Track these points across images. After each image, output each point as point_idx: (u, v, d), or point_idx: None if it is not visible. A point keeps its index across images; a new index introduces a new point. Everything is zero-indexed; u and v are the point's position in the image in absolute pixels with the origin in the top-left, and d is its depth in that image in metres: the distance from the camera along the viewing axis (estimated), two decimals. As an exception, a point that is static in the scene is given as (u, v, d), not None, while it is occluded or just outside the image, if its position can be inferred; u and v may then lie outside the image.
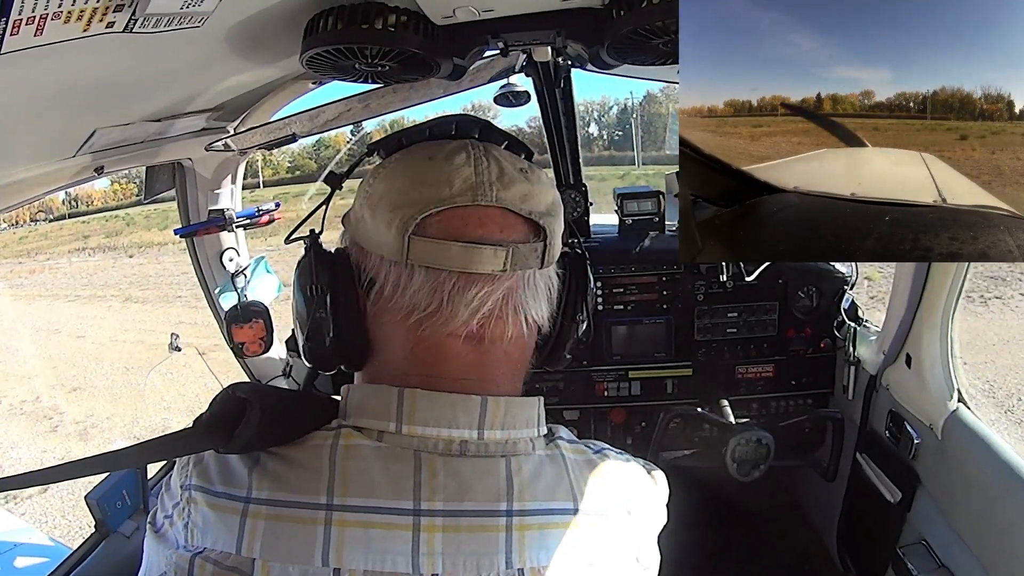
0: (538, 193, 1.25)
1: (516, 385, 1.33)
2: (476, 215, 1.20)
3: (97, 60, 1.43)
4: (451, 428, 1.19)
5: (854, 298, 3.28)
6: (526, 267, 1.22)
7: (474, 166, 1.22)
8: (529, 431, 1.26)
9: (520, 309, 1.24)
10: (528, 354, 1.35)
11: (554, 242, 1.27)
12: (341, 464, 1.15)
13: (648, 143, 42.74)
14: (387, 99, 2.93)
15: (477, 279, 1.18)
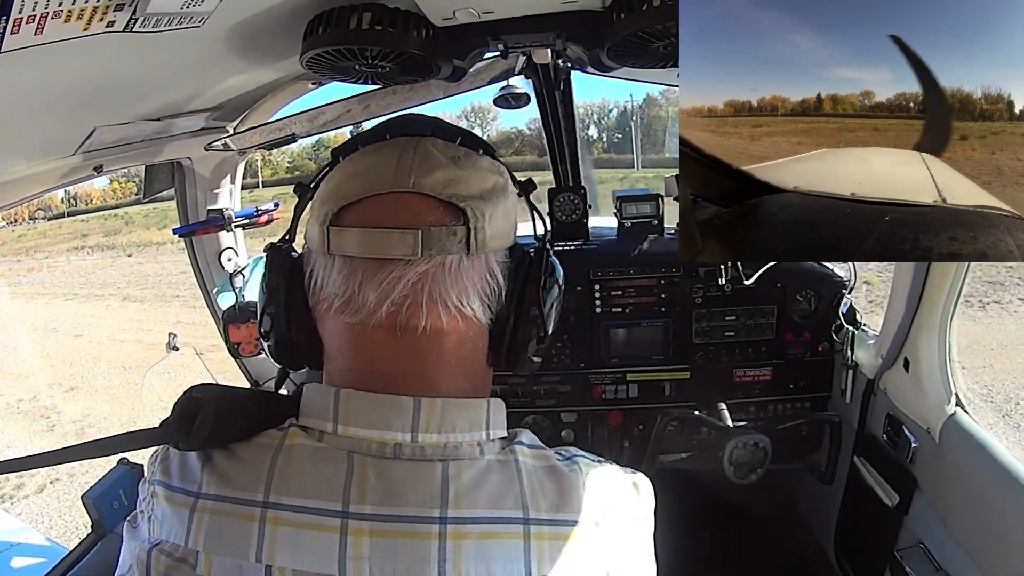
0: (468, 178, 1.24)
1: (463, 385, 1.27)
2: (390, 202, 1.20)
3: (97, 59, 1.43)
4: (384, 430, 1.18)
5: (852, 302, 3.28)
6: (445, 252, 1.19)
7: (399, 157, 1.23)
8: (474, 434, 1.23)
9: (437, 296, 1.19)
10: (471, 351, 1.28)
11: (484, 227, 1.21)
12: (281, 463, 1.18)
13: (647, 146, 42.77)
14: (387, 100, 2.94)
15: (387, 265, 1.17)
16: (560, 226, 3.62)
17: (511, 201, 1.31)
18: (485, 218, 1.21)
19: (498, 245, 1.26)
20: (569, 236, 3.59)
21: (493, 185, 1.27)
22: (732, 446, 2.93)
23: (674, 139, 1.36)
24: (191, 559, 1.15)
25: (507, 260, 1.29)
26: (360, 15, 1.77)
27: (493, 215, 1.23)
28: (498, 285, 1.27)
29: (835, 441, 3.03)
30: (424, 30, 1.86)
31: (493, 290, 1.26)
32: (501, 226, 1.26)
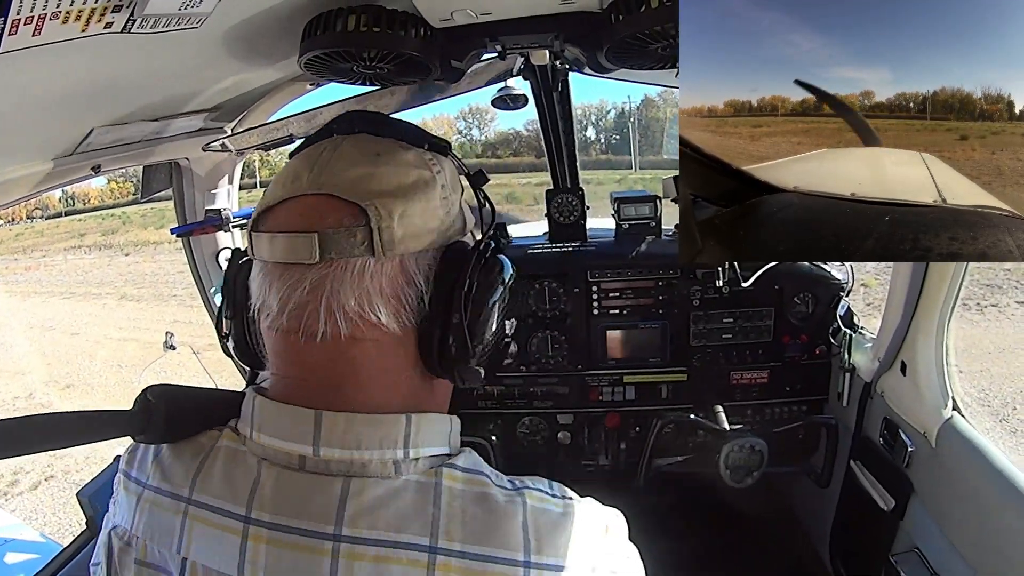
0: (382, 175, 1.19)
1: (381, 398, 1.20)
2: (296, 205, 1.17)
3: (95, 60, 1.43)
4: (288, 441, 1.17)
5: (850, 305, 3.27)
6: (346, 255, 1.13)
7: (317, 157, 1.22)
8: (386, 452, 1.16)
9: (335, 303, 1.14)
10: (389, 361, 1.21)
11: (391, 227, 1.14)
12: (208, 463, 1.23)
13: (645, 147, 42.80)
14: (384, 101, 2.94)
15: (289, 270, 1.15)
16: (558, 227, 3.62)
17: (438, 196, 1.24)
18: (393, 217, 1.15)
19: (415, 246, 1.19)
20: (567, 237, 3.58)
21: (414, 180, 1.22)
22: (728, 449, 2.95)
23: (672, 140, 1.37)
24: (132, 543, 1.25)
25: (432, 262, 1.22)
26: (358, 16, 1.77)
27: (406, 213, 1.17)
28: (416, 290, 1.20)
29: (831, 444, 3.05)
30: (422, 31, 1.86)
31: (408, 295, 1.19)
32: (417, 225, 1.19)
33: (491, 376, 1.33)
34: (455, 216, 1.28)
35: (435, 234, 1.22)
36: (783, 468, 3.21)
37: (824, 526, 3.30)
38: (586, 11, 1.92)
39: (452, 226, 1.27)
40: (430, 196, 1.22)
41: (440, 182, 1.25)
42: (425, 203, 1.20)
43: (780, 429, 3.12)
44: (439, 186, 1.24)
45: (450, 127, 55.80)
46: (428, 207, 1.21)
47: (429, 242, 1.21)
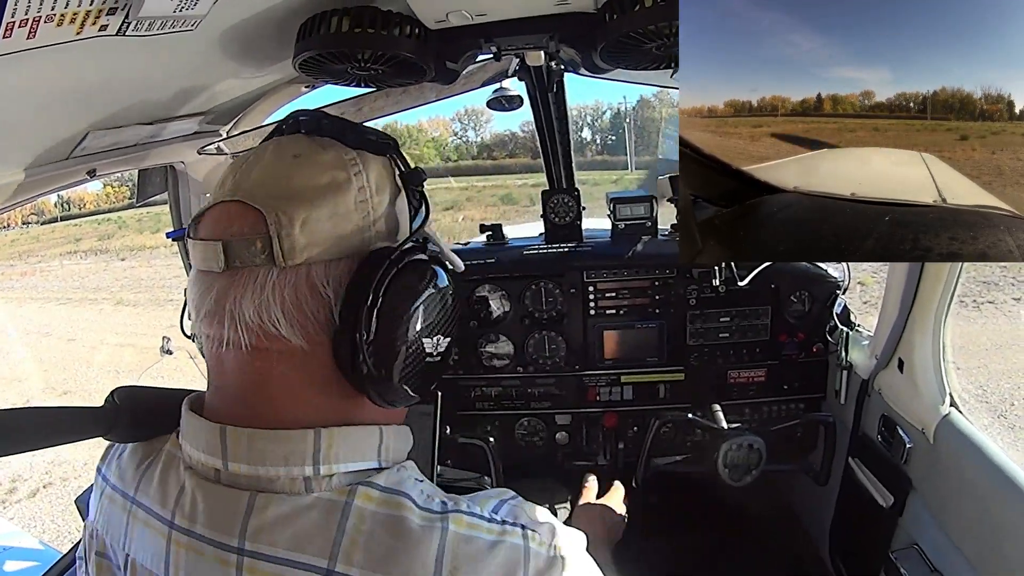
0: (292, 178, 1.15)
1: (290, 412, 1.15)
2: (215, 211, 1.16)
3: (90, 63, 1.43)
4: (204, 454, 1.15)
5: (847, 303, 3.28)
6: (249, 264, 1.10)
7: (244, 161, 1.20)
8: (295, 469, 1.11)
9: (236, 313, 1.10)
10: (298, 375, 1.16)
11: (293, 234, 1.09)
12: (152, 465, 1.27)
13: (641, 148, 42.81)
14: (380, 103, 2.94)
15: (203, 277, 1.14)
16: (554, 228, 3.62)
17: (353, 199, 1.18)
18: (295, 224, 1.10)
19: (323, 254, 1.14)
20: (563, 238, 3.58)
21: (326, 183, 1.16)
22: (726, 448, 2.94)
23: (668, 140, 1.37)
24: (95, 536, 1.31)
25: (347, 272, 1.15)
26: (352, 18, 1.77)
27: (310, 219, 1.12)
28: (324, 302, 1.14)
29: (829, 442, 3.04)
30: (417, 33, 1.86)
31: (314, 308, 1.14)
32: (325, 231, 1.14)
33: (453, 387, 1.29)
34: (378, 221, 1.22)
35: (348, 241, 1.17)
36: (781, 466, 3.20)
37: (823, 524, 3.30)
38: (581, 11, 1.92)
39: (373, 232, 1.21)
40: (341, 200, 1.17)
41: (358, 184, 1.19)
42: (334, 207, 1.15)
43: (777, 427, 3.12)
44: (355, 188, 1.19)
45: (446, 129, 55.94)
46: (338, 212, 1.16)
47: (341, 250, 1.16)
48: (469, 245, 3.72)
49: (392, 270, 1.14)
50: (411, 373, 1.20)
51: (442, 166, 52.95)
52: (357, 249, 1.17)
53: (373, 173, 1.22)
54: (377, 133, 1.27)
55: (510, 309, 3.50)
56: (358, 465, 1.16)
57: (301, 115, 1.29)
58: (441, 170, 50.72)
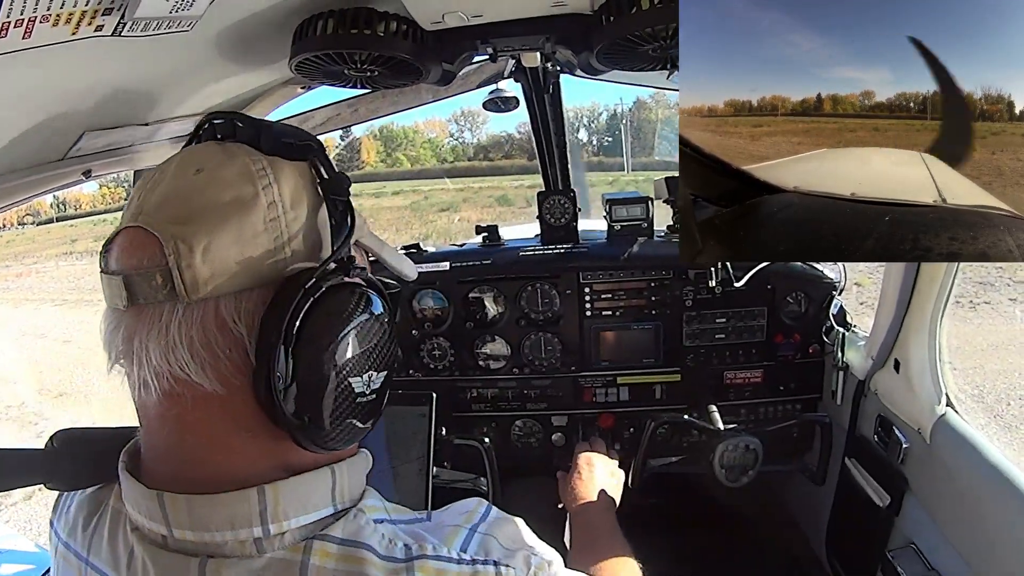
0: (192, 197, 1.02)
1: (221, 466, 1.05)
2: (120, 239, 1.04)
3: (86, 63, 1.43)
4: (146, 519, 1.06)
5: (843, 303, 3.28)
6: (152, 301, 0.98)
7: (151, 177, 1.08)
8: (244, 531, 1.02)
9: (143, 355, 0.99)
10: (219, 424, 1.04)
11: (194, 265, 0.96)
12: (100, 522, 1.18)
13: (637, 149, 42.84)
14: (376, 104, 2.94)
15: (111, 314, 1.03)
16: (550, 229, 3.62)
17: (262, 218, 1.03)
18: (195, 253, 0.97)
19: (231, 285, 1.00)
20: (559, 239, 3.57)
21: (229, 201, 1.02)
22: (722, 449, 2.95)
23: (664, 142, 1.37)
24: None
25: (260, 303, 1.01)
26: (349, 19, 1.77)
27: (211, 246, 0.98)
28: (236, 340, 1.01)
29: (825, 441, 3.05)
30: (413, 34, 1.87)
31: (225, 348, 1.00)
32: (230, 259, 1.00)
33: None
34: (294, 240, 1.06)
35: (259, 268, 1.02)
36: (778, 467, 3.22)
37: (820, 524, 3.30)
38: (577, 13, 1.92)
39: (287, 255, 1.05)
40: (247, 220, 1.01)
41: (267, 199, 1.04)
42: (239, 231, 1.00)
43: (774, 427, 3.13)
44: (263, 204, 1.03)
45: (442, 130, 55.98)
46: (243, 235, 1.01)
47: (252, 279, 1.02)
48: (465, 246, 3.71)
49: (307, 301, 1.00)
50: (341, 416, 1.06)
51: (438, 167, 53.03)
52: (271, 276, 1.03)
53: (287, 184, 1.07)
54: (297, 134, 1.13)
55: (506, 310, 3.50)
56: (311, 517, 1.06)
57: (215, 117, 1.17)
58: (437, 171, 50.79)
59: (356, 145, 45.76)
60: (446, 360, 3.55)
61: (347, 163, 45.83)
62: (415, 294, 3.51)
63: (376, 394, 1.10)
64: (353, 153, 46.24)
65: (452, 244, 3.78)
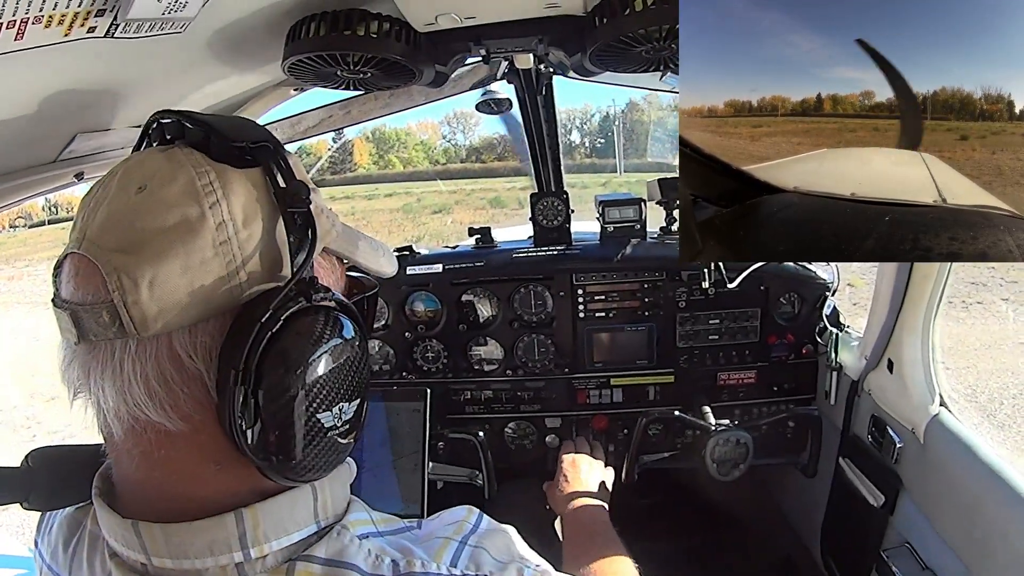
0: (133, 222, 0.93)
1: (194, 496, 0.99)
2: (66, 265, 0.97)
3: (78, 65, 1.43)
4: (123, 547, 1.00)
5: (836, 304, 3.28)
6: (102, 338, 0.92)
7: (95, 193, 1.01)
8: (224, 557, 0.97)
9: (99, 394, 0.94)
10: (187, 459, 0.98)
11: (140, 300, 0.89)
12: (79, 545, 1.15)
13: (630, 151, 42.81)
14: (368, 106, 2.94)
15: (66, 346, 0.99)
16: (542, 231, 3.61)
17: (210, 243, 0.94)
18: (140, 287, 0.89)
19: (183, 317, 0.92)
20: (552, 241, 3.58)
21: (173, 225, 0.92)
22: (713, 443, 2.99)
23: (656, 143, 1.36)
24: None
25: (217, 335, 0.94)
26: (342, 20, 1.77)
27: (159, 278, 0.90)
28: (193, 376, 0.94)
29: (815, 435, 3.10)
30: (406, 35, 1.86)
31: (182, 385, 0.94)
32: (179, 291, 0.92)
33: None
34: (249, 262, 0.97)
35: (211, 299, 0.94)
36: (769, 460, 3.27)
37: (815, 524, 3.31)
38: (570, 15, 1.92)
39: (242, 280, 0.96)
40: (194, 246, 0.92)
41: (216, 219, 0.94)
42: (186, 259, 0.92)
43: (764, 422, 3.19)
44: (212, 226, 0.94)
45: (435, 132, 55.90)
46: (191, 263, 0.92)
47: (204, 311, 0.94)
48: (458, 248, 3.71)
49: (266, 334, 0.92)
50: (315, 453, 0.98)
51: (431, 169, 52.98)
52: (226, 304, 0.95)
53: (238, 199, 0.97)
54: (250, 135, 1.03)
55: (499, 312, 3.50)
56: (292, 538, 1.01)
57: (163, 117, 1.06)
58: (430, 173, 50.80)
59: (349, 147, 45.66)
60: (439, 362, 3.55)
61: (340, 165, 45.75)
62: (408, 296, 3.51)
63: (349, 424, 1.03)
64: (346, 155, 46.12)
65: (445, 246, 3.78)
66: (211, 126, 1.01)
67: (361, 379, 1.04)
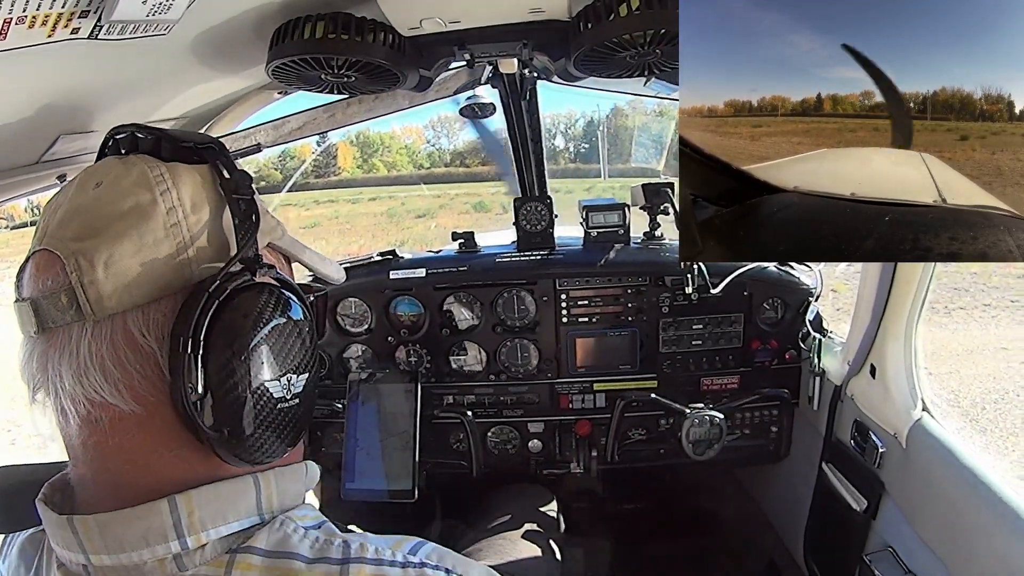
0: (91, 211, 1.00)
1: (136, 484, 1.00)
2: (30, 264, 1.02)
3: (61, 66, 1.42)
4: (65, 550, 1.01)
5: (819, 310, 3.29)
6: (60, 324, 0.96)
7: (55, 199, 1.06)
8: (161, 548, 0.97)
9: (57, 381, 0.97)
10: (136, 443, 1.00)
11: (96, 280, 0.94)
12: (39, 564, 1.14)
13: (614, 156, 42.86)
14: (352, 110, 2.94)
15: (25, 343, 1.01)
16: (526, 236, 3.61)
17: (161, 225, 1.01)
18: (96, 267, 0.95)
19: (136, 298, 0.98)
20: (535, 246, 3.58)
21: (127, 210, 0.99)
22: (688, 424, 3.09)
23: (641, 149, 1.36)
24: None
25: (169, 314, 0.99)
26: (326, 24, 1.77)
27: (114, 257, 0.96)
28: (147, 355, 0.98)
29: (787, 417, 3.28)
30: (391, 40, 1.86)
31: (136, 364, 0.98)
32: (132, 270, 0.97)
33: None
34: (197, 243, 1.03)
35: (163, 277, 1.00)
36: (742, 442, 3.38)
37: (798, 528, 3.31)
38: (555, 19, 1.92)
39: (192, 258, 1.03)
40: (146, 227, 0.99)
41: (167, 204, 1.02)
42: (139, 239, 0.98)
43: (737, 404, 3.29)
44: (163, 210, 1.01)
45: (419, 136, 55.84)
46: (144, 243, 0.98)
47: (157, 289, 0.99)
48: (441, 253, 3.71)
49: (212, 304, 0.97)
50: (265, 426, 1.02)
51: (415, 173, 52.89)
52: (177, 284, 1.01)
53: (186, 188, 1.04)
54: (197, 138, 1.11)
55: (482, 317, 3.50)
56: (232, 527, 1.02)
57: (117, 132, 1.13)
58: (414, 177, 50.66)
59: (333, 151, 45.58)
60: (422, 367, 3.54)
61: (324, 169, 45.65)
62: (391, 301, 3.50)
63: (300, 399, 1.07)
64: (330, 159, 46.04)
65: (428, 250, 3.78)
66: (162, 132, 1.10)
67: (307, 354, 1.09)
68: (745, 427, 3.44)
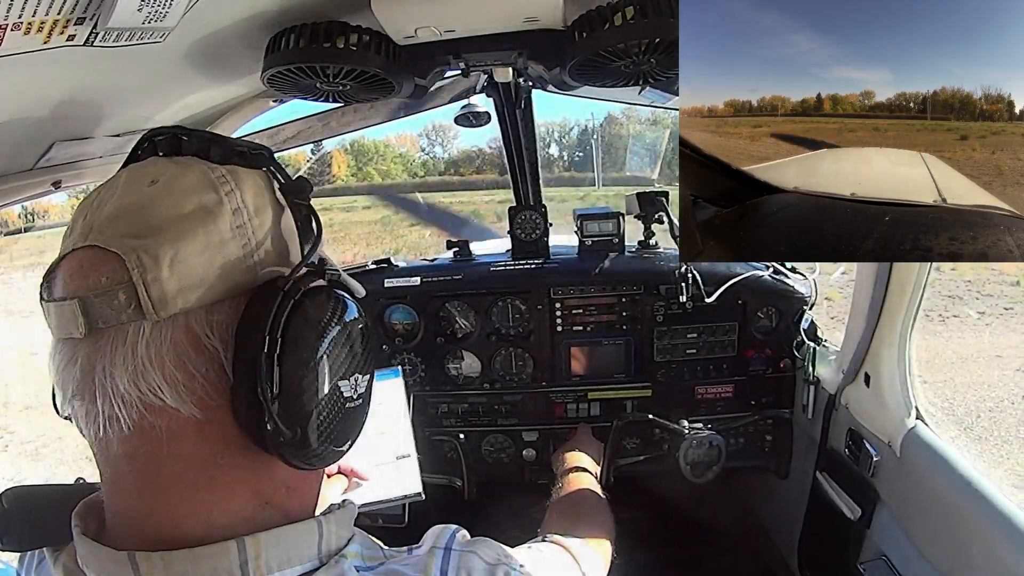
0: (151, 209, 0.95)
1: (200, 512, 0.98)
2: (68, 263, 0.96)
3: (57, 73, 1.42)
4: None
5: (813, 318, 3.29)
6: (115, 323, 0.91)
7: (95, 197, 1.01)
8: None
9: (109, 387, 0.91)
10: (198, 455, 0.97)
11: (160, 277, 0.90)
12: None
13: (608, 165, 42.90)
14: (347, 118, 2.94)
15: (64, 346, 0.95)
16: (520, 244, 3.62)
17: (228, 224, 0.98)
18: (161, 265, 0.91)
19: (201, 298, 0.94)
20: (529, 254, 3.58)
21: (192, 210, 0.96)
22: (687, 446, 3.11)
23: (635, 157, 1.36)
24: None
25: (233, 315, 0.96)
26: (322, 33, 1.77)
27: (178, 257, 0.92)
28: (211, 356, 0.95)
29: (787, 436, 3.26)
30: (386, 48, 1.87)
31: (200, 365, 0.94)
32: (198, 269, 0.94)
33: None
34: (263, 246, 1.01)
35: (230, 276, 0.97)
36: (741, 462, 3.36)
37: (792, 537, 3.31)
38: (549, 29, 1.92)
39: (258, 261, 1.01)
40: (214, 227, 0.96)
41: (232, 205, 0.99)
42: (206, 238, 0.95)
43: (736, 424, 3.31)
44: (229, 211, 0.98)
45: (413, 145, 55.79)
46: (211, 243, 0.95)
47: (222, 290, 0.96)
48: (436, 261, 3.71)
49: (288, 304, 0.95)
50: (333, 426, 1.02)
51: (409, 182, 52.86)
52: (243, 285, 0.98)
53: (249, 190, 1.02)
54: (248, 144, 1.08)
55: (477, 325, 3.50)
56: (294, 571, 1.00)
57: (157, 134, 1.09)
58: (408, 186, 50.63)
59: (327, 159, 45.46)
60: (417, 375, 3.54)
61: (318, 177, 45.55)
62: (385, 309, 3.50)
63: (362, 399, 1.08)
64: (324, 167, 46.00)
65: (423, 258, 3.77)
66: (212, 135, 1.07)
67: (370, 355, 1.08)
68: (743, 446, 3.44)
